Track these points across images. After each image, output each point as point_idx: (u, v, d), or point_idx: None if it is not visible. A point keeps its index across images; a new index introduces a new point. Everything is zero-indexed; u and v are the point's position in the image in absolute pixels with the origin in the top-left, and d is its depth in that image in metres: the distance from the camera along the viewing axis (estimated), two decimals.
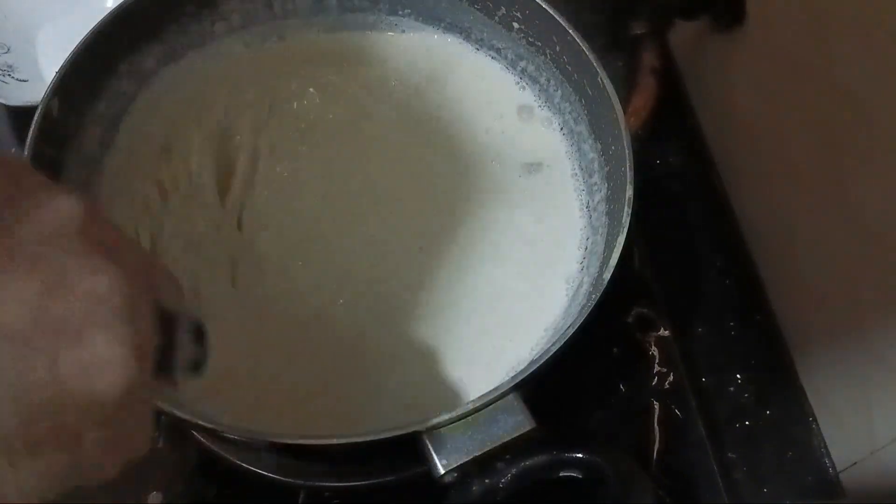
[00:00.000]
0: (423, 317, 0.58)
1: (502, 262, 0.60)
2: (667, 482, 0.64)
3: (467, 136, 0.65)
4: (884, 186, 0.56)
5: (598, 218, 0.59)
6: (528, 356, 0.55)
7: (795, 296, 0.69)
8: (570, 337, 0.48)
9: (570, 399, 0.66)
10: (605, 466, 0.46)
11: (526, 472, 0.46)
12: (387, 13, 0.68)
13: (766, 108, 0.69)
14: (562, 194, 0.63)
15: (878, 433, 0.59)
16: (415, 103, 0.66)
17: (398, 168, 0.63)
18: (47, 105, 0.55)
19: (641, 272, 0.72)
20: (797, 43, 0.63)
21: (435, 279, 0.59)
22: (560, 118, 0.65)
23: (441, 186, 0.63)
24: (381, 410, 0.54)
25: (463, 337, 0.57)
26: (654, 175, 0.77)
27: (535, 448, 0.46)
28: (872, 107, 0.55)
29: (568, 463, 0.46)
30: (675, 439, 0.65)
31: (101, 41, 0.58)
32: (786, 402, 0.68)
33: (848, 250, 0.61)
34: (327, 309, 0.57)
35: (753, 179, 0.73)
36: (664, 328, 0.69)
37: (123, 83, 0.62)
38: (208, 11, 0.65)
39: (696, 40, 0.79)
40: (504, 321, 0.57)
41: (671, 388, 0.67)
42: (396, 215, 0.61)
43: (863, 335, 0.60)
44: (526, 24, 0.63)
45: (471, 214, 0.61)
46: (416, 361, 0.56)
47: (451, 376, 0.56)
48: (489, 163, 0.64)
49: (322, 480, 0.62)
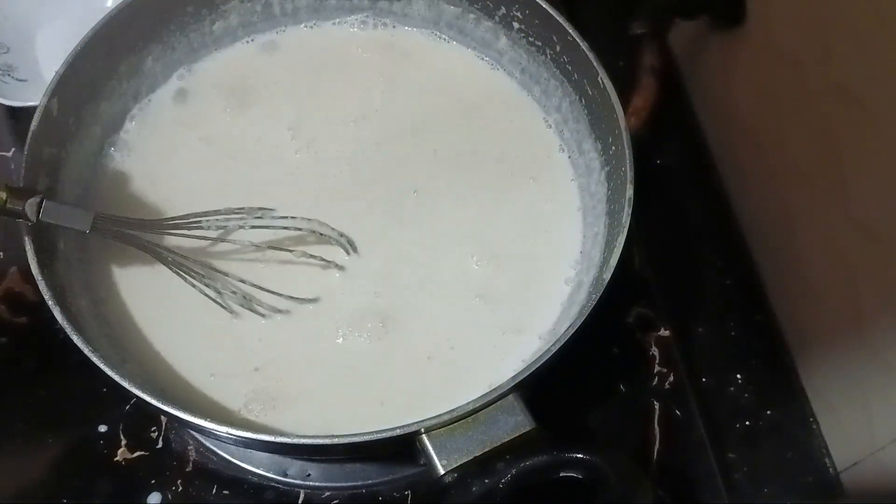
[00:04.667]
0: (422, 317, 0.58)
1: (502, 262, 0.60)
2: (667, 482, 0.64)
3: (467, 136, 0.65)
4: (884, 186, 0.56)
5: (597, 218, 0.59)
6: (528, 356, 0.55)
7: (795, 296, 0.69)
8: (569, 337, 0.48)
9: (570, 399, 0.65)
10: (606, 467, 0.46)
11: (526, 473, 0.46)
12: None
13: (766, 108, 0.69)
14: (561, 194, 0.63)
15: (878, 433, 0.59)
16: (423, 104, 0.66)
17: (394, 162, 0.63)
18: (47, 105, 0.55)
19: (641, 272, 0.72)
20: (797, 43, 0.63)
21: (434, 279, 0.59)
22: (560, 117, 0.65)
23: (440, 186, 0.63)
24: (382, 410, 0.54)
25: (463, 337, 0.57)
26: (654, 175, 0.77)
27: (536, 448, 0.46)
28: (872, 107, 0.55)
29: (568, 463, 0.46)
30: (675, 439, 0.65)
31: (101, 41, 0.58)
32: (786, 402, 0.68)
33: (848, 250, 0.61)
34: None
35: (753, 179, 0.73)
36: (664, 328, 0.69)
37: (123, 83, 0.62)
38: (208, 11, 0.65)
39: (696, 40, 0.79)
40: (504, 321, 0.57)
41: (671, 388, 0.67)
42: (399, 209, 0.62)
43: (863, 335, 0.60)
44: (526, 24, 0.63)
45: (471, 214, 0.62)
46: (417, 361, 0.56)
47: (450, 376, 0.56)
48: (490, 163, 0.64)
49: (322, 480, 0.62)
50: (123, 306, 0.57)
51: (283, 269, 0.58)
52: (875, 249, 0.57)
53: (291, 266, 0.58)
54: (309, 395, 0.55)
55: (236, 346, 0.56)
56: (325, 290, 0.58)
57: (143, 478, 0.62)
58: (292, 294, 0.57)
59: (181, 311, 0.57)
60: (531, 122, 0.66)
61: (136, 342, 0.56)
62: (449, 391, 0.54)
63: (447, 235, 0.60)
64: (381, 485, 0.62)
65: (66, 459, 0.63)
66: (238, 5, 0.66)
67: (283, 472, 0.62)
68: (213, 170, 0.62)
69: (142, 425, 0.63)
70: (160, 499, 0.61)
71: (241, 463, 0.62)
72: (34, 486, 0.62)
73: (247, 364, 0.56)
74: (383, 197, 0.62)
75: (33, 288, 0.66)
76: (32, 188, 0.53)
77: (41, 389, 0.65)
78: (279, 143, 0.64)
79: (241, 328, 0.57)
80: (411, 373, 0.56)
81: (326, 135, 0.64)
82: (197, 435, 0.63)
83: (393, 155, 0.64)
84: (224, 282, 0.57)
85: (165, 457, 0.63)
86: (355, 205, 0.61)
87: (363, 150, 0.64)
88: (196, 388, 0.55)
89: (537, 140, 0.65)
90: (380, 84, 0.67)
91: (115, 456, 0.62)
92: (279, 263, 0.58)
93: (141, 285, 0.58)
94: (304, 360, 0.56)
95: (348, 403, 0.55)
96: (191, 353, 0.56)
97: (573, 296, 0.58)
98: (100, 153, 0.62)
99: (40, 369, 0.66)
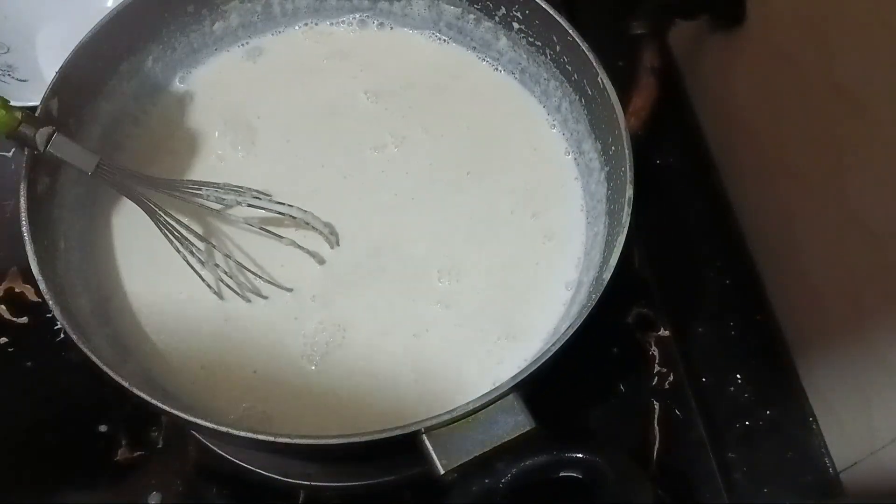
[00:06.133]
0: (422, 317, 0.58)
1: (502, 262, 0.60)
2: (667, 482, 0.64)
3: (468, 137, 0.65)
4: (884, 186, 0.56)
5: (597, 218, 0.59)
6: (528, 356, 0.55)
7: (795, 296, 0.69)
8: (570, 337, 0.48)
9: (570, 399, 0.66)
10: (605, 466, 0.46)
11: (526, 472, 0.46)
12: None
13: (766, 108, 0.69)
14: (561, 195, 0.63)
15: (878, 433, 0.59)
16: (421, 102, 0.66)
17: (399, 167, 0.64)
18: (47, 105, 0.55)
19: (641, 272, 0.72)
20: (797, 43, 0.63)
21: (434, 279, 0.59)
22: (560, 117, 0.65)
23: (440, 187, 0.63)
24: (382, 410, 0.54)
25: (463, 337, 0.57)
26: (654, 175, 0.77)
27: (535, 448, 0.46)
28: (872, 107, 0.55)
29: (568, 463, 0.46)
30: (675, 439, 0.65)
31: (101, 41, 0.58)
32: (786, 402, 0.68)
33: (848, 250, 0.61)
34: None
35: (753, 179, 0.73)
36: (664, 328, 0.69)
37: (124, 83, 0.62)
38: (208, 11, 0.65)
39: (696, 40, 0.79)
40: (504, 321, 0.57)
41: (671, 388, 0.67)
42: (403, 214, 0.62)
43: (863, 335, 0.60)
44: (526, 24, 0.63)
45: (471, 217, 0.62)
46: (417, 362, 0.56)
47: (451, 376, 0.56)
48: (489, 163, 0.64)
49: (322, 480, 0.62)
50: (124, 306, 0.57)
51: (268, 254, 0.59)
52: (875, 249, 0.57)
53: (276, 252, 0.59)
54: (309, 395, 0.55)
55: (237, 346, 0.56)
56: (305, 279, 0.59)
57: (143, 478, 0.62)
58: (273, 279, 0.57)
59: (181, 311, 0.57)
60: (536, 124, 0.66)
61: (136, 342, 0.56)
62: (449, 391, 0.54)
63: (446, 238, 0.60)
64: (381, 485, 0.62)
65: (66, 459, 0.63)
66: (238, 6, 0.66)
67: (284, 472, 0.62)
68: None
69: (142, 425, 0.63)
70: (160, 499, 0.61)
71: (241, 463, 0.62)
72: (34, 486, 0.62)
73: (248, 365, 0.55)
74: (381, 198, 0.62)
75: (33, 288, 0.67)
76: (46, 119, 0.53)
77: (41, 389, 0.65)
78: (279, 145, 0.64)
79: (240, 328, 0.57)
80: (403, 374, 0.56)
81: (327, 135, 0.64)
82: (197, 435, 0.63)
83: (392, 156, 0.64)
84: (210, 252, 0.57)
85: (165, 457, 0.63)
86: (352, 207, 0.61)
87: (362, 152, 0.64)
88: (196, 388, 0.55)
89: (542, 143, 0.65)
90: (380, 84, 0.67)
91: (116, 456, 0.62)
92: (265, 248, 0.59)
93: (141, 285, 0.58)
94: (299, 361, 0.56)
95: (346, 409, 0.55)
96: (191, 353, 0.56)
97: (573, 296, 0.58)
98: (100, 153, 0.62)
99: (40, 369, 0.66)
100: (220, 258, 0.57)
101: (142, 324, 0.57)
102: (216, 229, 0.60)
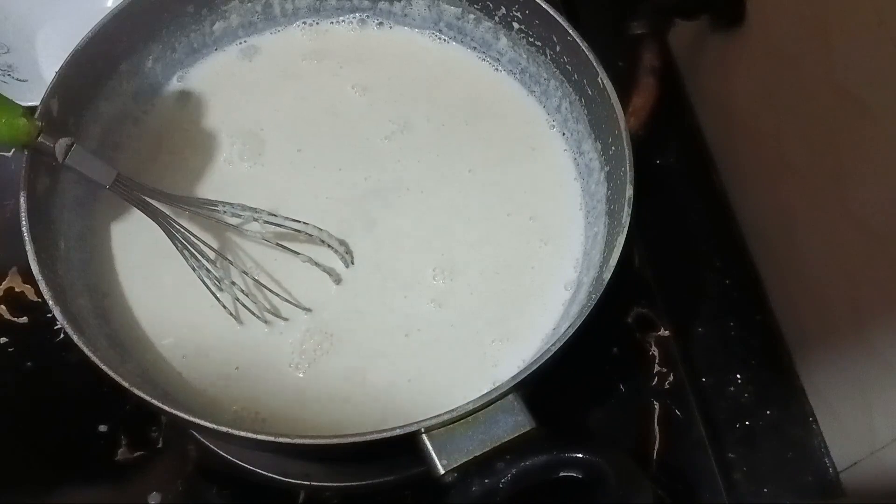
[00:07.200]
0: (422, 317, 0.58)
1: (502, 263, 0.60)
2: (667, 482, 0.64)
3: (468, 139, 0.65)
4: (884, 186, 0.56)
5: (597, 218, 0.59)
6: (528, 356, 0.55)
7: (795, 296, 0.69)
8: (569, 337, 0.48)
9: (570, 399, 0.66)
10: (605, 466, 0.46)
11: (526, 472, 0.46)
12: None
13: (765, 108, 0.69)
14: (561, 195, 0.63)
15: (878, 433, 0.59)
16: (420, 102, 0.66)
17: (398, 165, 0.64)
18: (47, 105, 0.55)
19: (641, 272, 0.72)
20: (797, 43, 0.63)
21: (434, 279, 0.59)
22: (560, 117, 0.65)
23: (440, 189, 0.63)
24: (382, 410, 0.54)
25: (464, 337, 0.57)
26: (654, 175, 0.77)
27: (535, 448, 0.46)
28: (872, 107, 0.55)
29: (568, 463, 0.46)
30: (675, 439, 0.65)
31: (100, 41, 0.58)
32: (786, 402, 0.68)
33: (848, 250, 0.61)
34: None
35: (753, 179, 0.73)
36: (664, 328, 0.69)
37: (124, 83, 0.62)
38: (208, 11, 0.65)
39: (696, 40, 0.79)
40: (504, 321, 0.57)
41: (671, 388, 0.67)
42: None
43: (863, 335, 0.60)
44: (526, 24, 0.63)
45: (471, 219, 0.61)
46: (418, 362, 0.56)
47: (451, 376, 0.56)
48: (490, 163, 0.64)
49: (322, 480, 0.62)
50: (124, 306, 0.57)
51: (284, 273, 0.58)
52: (875, 249, 0.57)
53: (293, 271, 0.58)
54: (307, 396, 0.55)
55: (237, 347, 0.56)
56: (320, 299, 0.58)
57: (143, 478, 0.62)
58: (290, 298, 0.57)
59: (182, 311, 0.57)
60: (535, 124, 0.66)
61: (136, 342, 0.56)
62: (449, 391, 0.54)
63: (446, 239, 0.60)
64: (381, 485, 0.62)
65: (66, 459, 0.63)
66: (238, 6, 0.66)
67: (284, 472, 0.62)
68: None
69: (142, 425, 0.63)
70: (160, 499, 0.61)
71: (241, 463, 0.62)
72: (34, 486, 0.62)
73: (249, 366, 0.56)
74: (381, 199, 0.62)
75: (33, 288, 0.67)
76: (63, 130, 0.53)
77: (41, 389, 0.65)
78: (279, 145, 0.64)
79: (240, 331, 0.57)
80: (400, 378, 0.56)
81: (327, 136, 0.64)
82: (197, 435, 0.63)
83: (392, 157, 0.64)
84: (226, 270, 0.57)
85: (165, 457, 0.63)
86: (352, 209, 0.61)
87: (362, 153, 0.64)
88: (196, 388, 0.55)
89: (542, 143, 0.65)
90: (379, 85, 0.67)
91: (116, 456, 0.62)
92: (282, 266, 0.59)
93: (142, 286, 0.58)
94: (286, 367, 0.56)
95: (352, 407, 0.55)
96: (191, 353, 0.56)
97: (573, 296, 0.58)
98: (100, 153, 0.62)
99: (40, 369, 0.66)
100: (236, 274, 0.57)
101: (141, 324, 0.57)
102: (233, 244, 0.59)
